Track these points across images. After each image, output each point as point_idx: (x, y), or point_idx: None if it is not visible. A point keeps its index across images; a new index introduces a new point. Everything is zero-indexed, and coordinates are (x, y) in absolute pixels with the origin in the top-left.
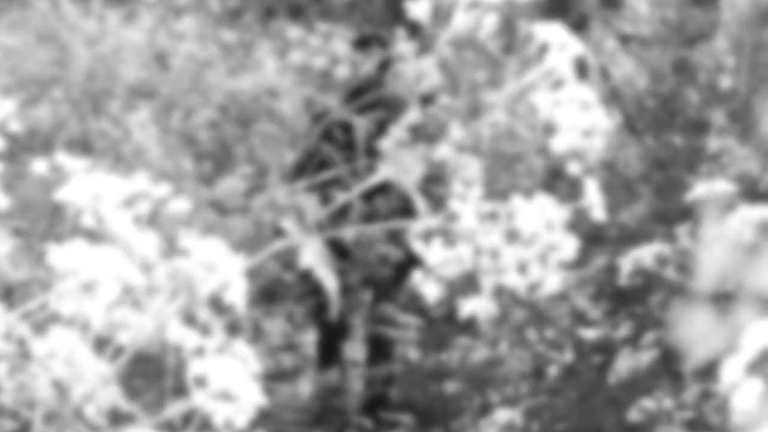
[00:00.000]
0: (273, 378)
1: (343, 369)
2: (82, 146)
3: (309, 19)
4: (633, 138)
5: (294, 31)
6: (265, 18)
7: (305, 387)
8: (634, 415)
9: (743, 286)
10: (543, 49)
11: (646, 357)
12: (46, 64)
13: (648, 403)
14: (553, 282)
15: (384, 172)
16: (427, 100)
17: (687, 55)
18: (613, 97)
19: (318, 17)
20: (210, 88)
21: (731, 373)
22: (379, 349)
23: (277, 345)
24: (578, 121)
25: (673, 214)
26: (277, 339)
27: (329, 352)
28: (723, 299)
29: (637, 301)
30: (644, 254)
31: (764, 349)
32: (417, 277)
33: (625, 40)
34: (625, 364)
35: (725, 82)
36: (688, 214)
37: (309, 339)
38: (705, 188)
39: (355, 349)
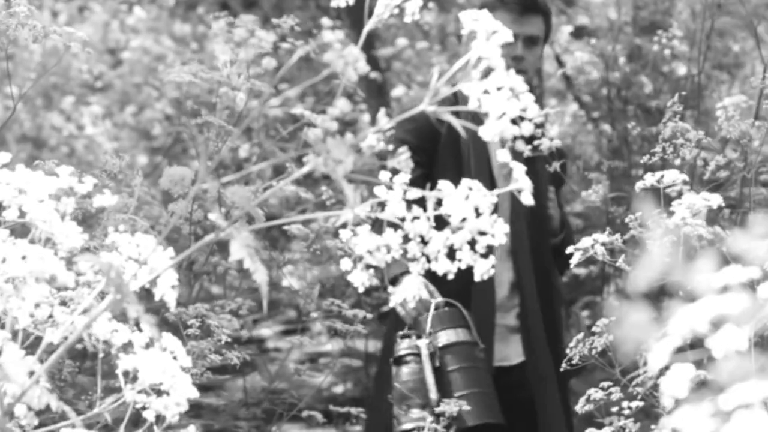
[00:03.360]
0: (223, 373)
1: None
2: (35, 142)
3: (263, 11)
4: (589, 126)
5: (217, 24)
6: (219, 10)
7: (257, 382)
8: (581, 406)
9: (679, 282)
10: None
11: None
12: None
13: (597, 395)
14: (483, 267)
15: (313, 162)
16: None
17: (640, 44)
18: (567, 85)
19: (272, 9)
20: (163, 82)
21: (658, 358)
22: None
23: (227, 340)
24: (507, 108)
25: (626, 202)
26: (227, 334)
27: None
28: (658, 295)
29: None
30: (593, 242)
31: (689, 335)
32: (345, 264)
33: (579, 30)
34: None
35: (681, 70)
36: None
37: (265, 333)
38: (654, 178)
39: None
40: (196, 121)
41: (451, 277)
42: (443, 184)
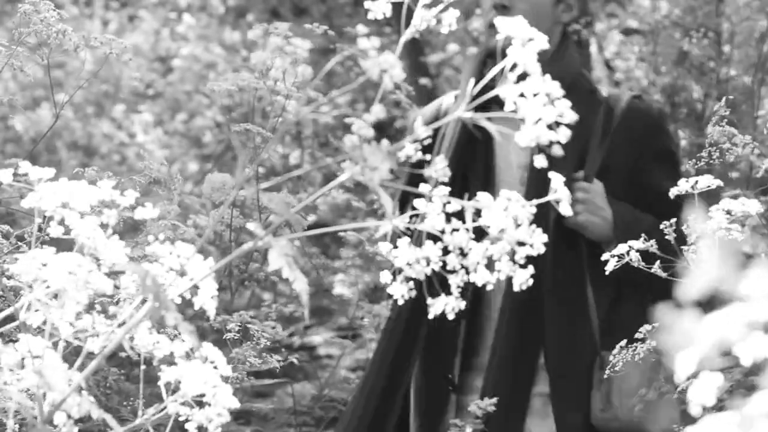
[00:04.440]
0: (271, 379)
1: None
2: (86, 149)
3: (313, 18)
4: None
5: (254, 32)
6: (269, 18)
7: (307, 389)
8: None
9: (732, 290)
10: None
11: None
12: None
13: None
14: (521, 277)
15: (350, 170)
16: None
17: (689, 47)
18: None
19: (322, 17)
20: (210, 91)
21: (685, 366)
22: None
23: (267, 345)
24: (543, 114)
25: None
26: (275, 340)
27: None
28: (710, 304)
29: None
30: (628, 249)
31: (718, 342)
32: (384, 277)
33: (628, 33)
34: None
35: (730, 73)
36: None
37: (316, 340)
38: (688, 184)
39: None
40: (235, 128)
41: (490, 287)
42: (482, 195)
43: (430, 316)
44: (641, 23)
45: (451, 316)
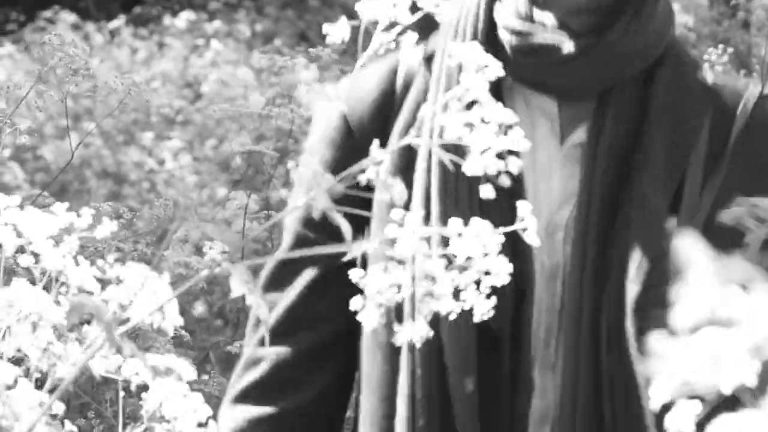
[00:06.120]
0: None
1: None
2: (115, 177)
3: (342, 42)
4: None
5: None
6: (298, 42)
7: None
8: None
9: (730, 318)
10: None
11: None
12: (77, 96)
13: None
14: (483, 308)
15: (302, 197)
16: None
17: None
18: None
19: (349, 40)
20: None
21: (661, 392)
22: None
23: None
24: (491, 143)
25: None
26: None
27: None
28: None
29: None
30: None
31: (696, 369)
32: (356, 303)
33: None
34: None
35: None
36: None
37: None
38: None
39: None
40: (242, 150)
41: (453, 317)
42: (453, 223)
43: (398, 344)
44: None
45: (419, 345)
